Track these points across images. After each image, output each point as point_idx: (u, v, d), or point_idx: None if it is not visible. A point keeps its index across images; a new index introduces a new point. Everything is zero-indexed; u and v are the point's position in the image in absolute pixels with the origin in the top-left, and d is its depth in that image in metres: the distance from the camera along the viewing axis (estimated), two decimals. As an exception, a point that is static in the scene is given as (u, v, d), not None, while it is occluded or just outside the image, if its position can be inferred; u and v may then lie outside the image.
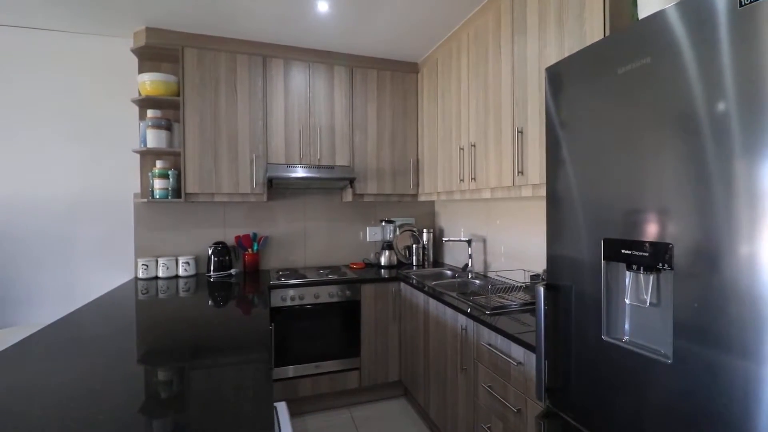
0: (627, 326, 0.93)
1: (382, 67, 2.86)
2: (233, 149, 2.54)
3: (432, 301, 2.14)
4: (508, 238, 2.36)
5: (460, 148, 2.31)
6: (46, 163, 2.49)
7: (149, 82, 2.42)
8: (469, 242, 2.64)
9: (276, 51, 2.61)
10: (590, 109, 0.98)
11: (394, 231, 3.16)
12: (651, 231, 0.83)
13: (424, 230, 3.11)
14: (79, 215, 2.56)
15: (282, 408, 1.00)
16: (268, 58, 2.59)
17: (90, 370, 1.11)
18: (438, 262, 3.17)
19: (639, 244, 0.86)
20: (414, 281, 2.40)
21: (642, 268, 0.86)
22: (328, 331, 2.50)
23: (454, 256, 3.03)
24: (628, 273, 0.91)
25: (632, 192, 0.87)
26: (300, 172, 2.56)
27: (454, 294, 2.01)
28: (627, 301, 0.90)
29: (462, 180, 2.29)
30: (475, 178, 2.16)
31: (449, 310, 1.94)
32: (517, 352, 1.42)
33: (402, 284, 2.59)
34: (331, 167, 2.70)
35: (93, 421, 0.84)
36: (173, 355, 1.23)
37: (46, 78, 2.47)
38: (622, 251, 0.90)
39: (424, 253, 3.08)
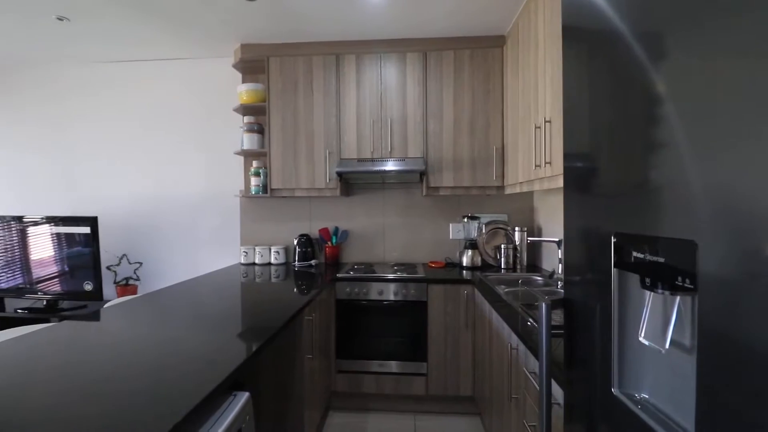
0: (648, 376, 0.56)
1: (460, 46, 2.58)
2: (310, 147, 2.67)
3: (494, 311, 1.81)
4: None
5: (536, 127, 1.89)
6: (178, 168, 3.09)
7: (245, 92, 2.74)
8: (559, 243, 2.15)
9: (348, 47, 2.63)
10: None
11: (479, 228, 2.82)
12: (672, 219, 0.47)
13: (517, 228, 2.69)
14: (202, 209, 3.09)
15: (240, 398, 0.96)
16: (341, 56, 2.63)
17: (199, 313, 1.29)
18: (533, 266, 2.70)
19: (652, 243, 0.50)
20: (482, 285, 2.08)
21: (660, 283, 0.50)
22: (392, 330, 2.39)
23: (555, 260, 2.52)
24: (646, 292, 0.55)
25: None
26: (365, 166, 2.52)
27: (514, 304, 1.65)
28: (641, 338, 0.54)
29: (538, 165, 1.87)
30: (551, 162, 1.73)
31: (505, 324, 1.60)
32: (558, 389, 1.06)
33: (475, 288, 2.29)
34: (402, 160, 2.57)
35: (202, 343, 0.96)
36: (232, 313, 1.34)
37: (177, 98, 3.06)
38: (634, 254, 0.54)
39: (515, 255, 2.66)
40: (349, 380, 2.41)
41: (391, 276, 2.40)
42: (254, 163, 2.89)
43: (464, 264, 2.70)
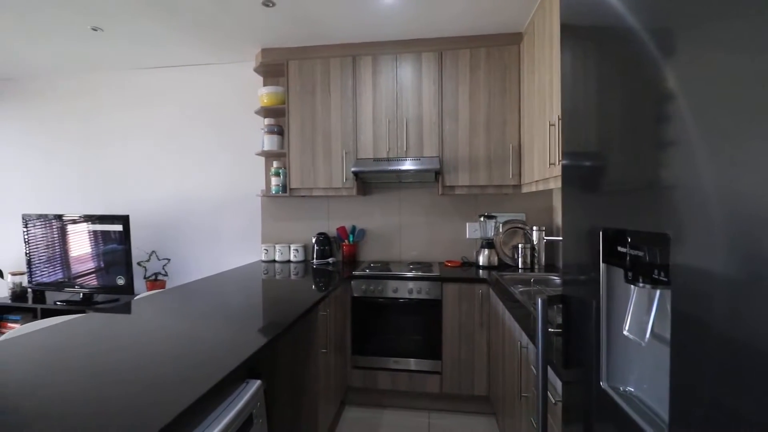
0: (635, 370, 0.57)
1: (476, 45, 2.57)
2: (327, 147, 2.73)
3: (507, 311, 1.80)
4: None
5: (550, 125, 1.86)
6: (203, 168, 3.22)
7: (266, 95, 2.84)
8: (576, 242, 2.11)
9: (364, 49, 2.67)
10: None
11: (496, 228, 2.80)
12: (653, 212, 0.48)
13: (534, 228, 2.66)
14: (225, 208, 3.21)
15: (252, 385, 1.01)
16: (358, 57, 2.68)
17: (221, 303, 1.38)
18: (552, 266, 2.66)
19: (633, 237, 0.51)
20: (497, 284, 2.08)
21: (641, 277, 0.51)
22: (406, 327, 2.41)
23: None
24: (631, 287, 0.55)
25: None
26: (380, 166, 2.55)
27: (526, 303, 1.64)
28: (625, 331, 0.55)
29: (552, 163, 1.85)
30: (565, 161, 1.71)
31: (516, 323, 1.60)
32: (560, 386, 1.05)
33: (490, 287, 2.28)
34: (417, 159, 2.59)
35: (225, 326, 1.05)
36: (250, 304, 1.41)
37: (202, 102, 3.20)
38: (618, 249, 0.55)
39: (532, 254, 2.63)
40: (365, 376, 2.45)
41: (405, 274, 2.43)
42: (274, 164, 2.98)
43: (481, 263, 2.69)
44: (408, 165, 2.52)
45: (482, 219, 2.84)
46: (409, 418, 2.35)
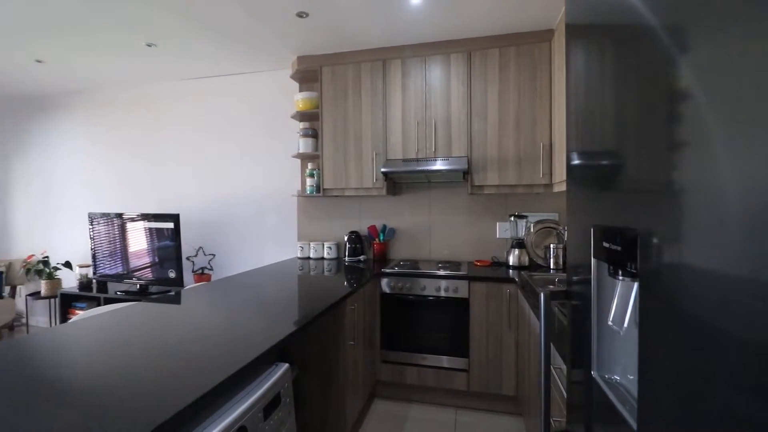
0: (621, 359, 0.60)
1: (505, 44, 2.56)
2: (358, 148, 2.83)
3: (532, 311, 1.80)
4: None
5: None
6: (245, 170, 3.44)
7: (301, 100, 2.99)
8: (607, 243, 2.05)
9: (394, 52, 2.74)
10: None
11: (527, 227, 2.77)
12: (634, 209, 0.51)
13: (566, 227, 2.60)
14: (265, 207, 3.41)
15: (280, 367, 1.12)
16: (387, 61, 2.75)
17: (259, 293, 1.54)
18: (585, 268, 2.59)
19: (613, 232, 0.54)
20: (524, 283, 2.07)
21: (620, 270, 0.54)
22: (433, 324, 2.46)
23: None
24: (617, 280, 0.58)
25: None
26: (409, 166, 2.61)
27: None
28: (609, 322, 0.58)
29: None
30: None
31: (538, 321, 1.60)
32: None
33: (518, 287, 2.27)
34: (445, 159, 2.62)
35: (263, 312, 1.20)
36: (285, 296, 1.55)
37: (244, 108, 3.41)
38: (603, 244, 0.58)
39: (565, 255, 2.58)
40: (393, 370, 2.52)
41: (432, 272, 2.47)
42: (309, 165, 3.13)
43: (511, 263, 2.67)
44: (436, 165, 2.56)
45: (513, 219, 2.81)
46: (436, 414, 2.40)
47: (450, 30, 2.53)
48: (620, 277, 0.54)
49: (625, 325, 0.53)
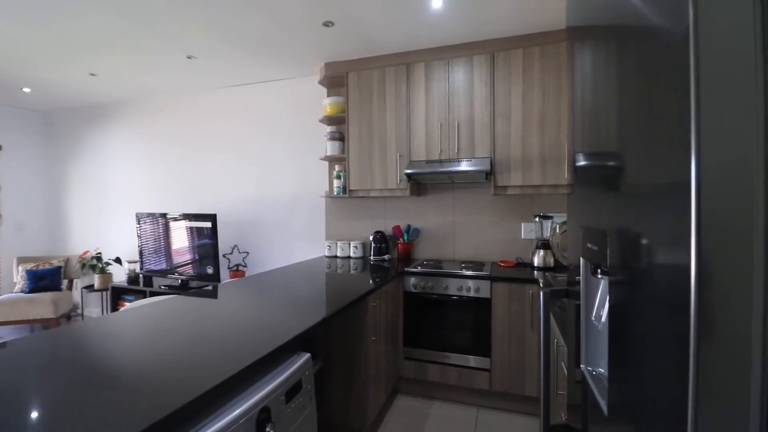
0: (605, 353, 0.63)
1: (529, 44, 2.55)
2: (383, 150, 2.91)
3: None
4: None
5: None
6: (276, 172, 3.61)
7: (328, 105, 3.11)
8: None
9: (417, 56, 2.80)
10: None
11: (552, 228, 2.74)
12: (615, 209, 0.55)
13: (594, 228, 2.55)
14: (294, 208, 3.57)
15: (302, 357, 1.21)
16: (411, 65, 2.81)
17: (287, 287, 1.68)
18: (613, 269, 2.53)
19: (592, 233, 0.59)
20: (545, 284, 2.07)
21: (598, 269, 0.58)
22: (455, 323, 2.49)
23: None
24: (597, 278, 0.62)
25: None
26: (432, 167, 2.65)
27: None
28: (592, 318, 0.62)
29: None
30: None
31: (554, 320, 1.61)
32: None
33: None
34: (468, 160, 2.65)
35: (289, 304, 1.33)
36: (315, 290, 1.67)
37: (275, 113, 3.58)
38: (587, 245, 0.63)
39: (591, 257, 2.53)
40: (416, 367, 2.58)
41: (454, 272, 2.51)
42: (336, 167, 3.24)
43: (535, 264, 2.66)
44: (458, 166, 2.59)
45: (538, 219, 2.79)
46: (458, 411, 2.43)
47: (473, 32, 2.56)
48: (599, 275, 0.58)
49: (603, 320, 0.57)
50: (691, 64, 0.35)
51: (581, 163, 0.74)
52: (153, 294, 3.61)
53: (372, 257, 3.12)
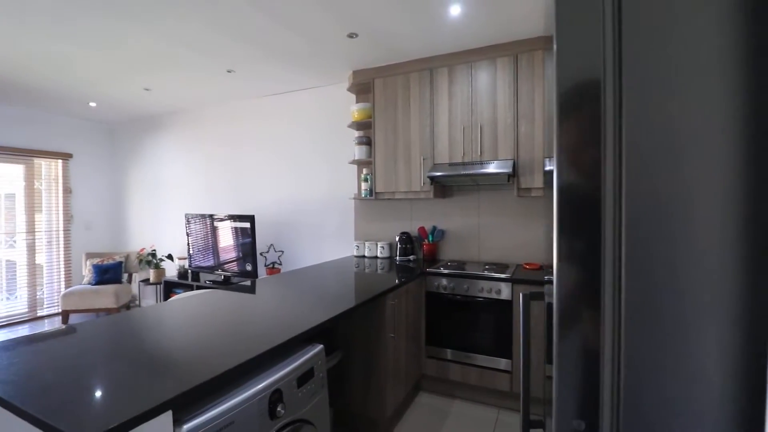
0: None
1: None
2: (407, 154, 2.99)
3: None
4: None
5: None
6: (308, 175, 3.81)
7: (356, 111, 3.24)
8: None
9: (440, 61, 2.85)
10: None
11: (579, 230, 2.69)
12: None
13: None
14: (326, 209, 3.74)
15: (315, 347, 1.33)
16: (434, 70, 2.87)
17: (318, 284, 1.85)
18: (644, 274, 2.45)
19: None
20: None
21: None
22: (477, 324, 2.53)
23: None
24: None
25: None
26: (455, 170, 2.70)
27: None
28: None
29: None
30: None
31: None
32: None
33: (562, 291, 2.25)
34: (491, 162, 2.67)
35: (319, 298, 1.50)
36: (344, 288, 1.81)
37: (307, 119, 3.78)
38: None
39: (621, 260, 2.47)
40: (437, 366, 2.64)
41: (475, 273, 2.54)
42: (364, 171, 3.37)
43: (561, 267, 2.62)
44: (480, 168, 2.62)
45: (563, 221, 2.75)
46: (478, 411, 2.46)
47: (495, 34, 2.57)
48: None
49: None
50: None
51: (548, 167, 0.79)
52: (199, 288, 3.93)
53: (398, 257, 3.21)
